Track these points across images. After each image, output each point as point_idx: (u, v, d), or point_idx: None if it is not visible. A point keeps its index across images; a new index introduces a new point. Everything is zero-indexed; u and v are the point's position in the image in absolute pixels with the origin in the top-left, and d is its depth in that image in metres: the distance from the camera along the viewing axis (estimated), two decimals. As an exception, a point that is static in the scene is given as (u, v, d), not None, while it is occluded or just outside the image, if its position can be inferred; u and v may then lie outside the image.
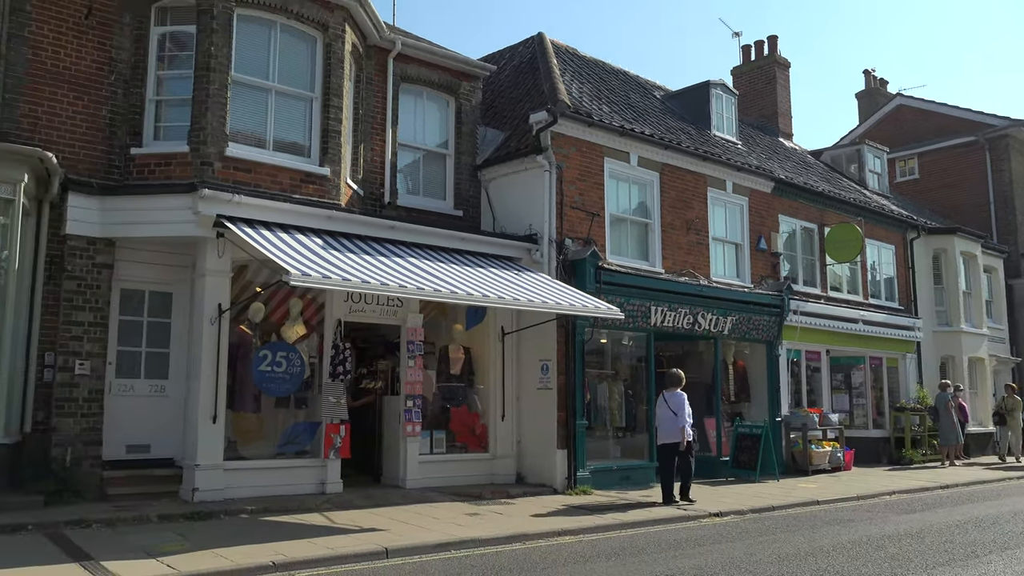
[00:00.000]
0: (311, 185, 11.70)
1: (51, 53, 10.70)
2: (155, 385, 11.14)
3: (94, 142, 10.91)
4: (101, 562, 7.18)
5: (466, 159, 14.69)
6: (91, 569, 6.98)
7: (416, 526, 9.46)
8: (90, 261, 10.49)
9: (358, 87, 13.18)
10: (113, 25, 11.17)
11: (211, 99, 10.89)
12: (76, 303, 10.38)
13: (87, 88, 10.91)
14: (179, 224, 10.52)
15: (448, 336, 13.65)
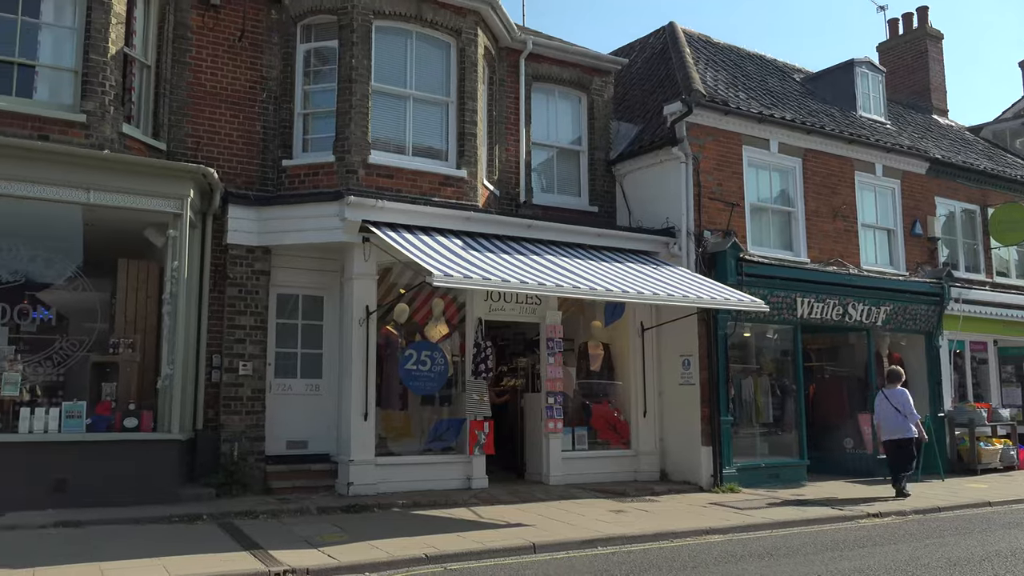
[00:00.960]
0: (449, 188, 11.99)
1: (209, 75, 11.46)
2: (310, 384, 11.73)
3: (250, 156, 11.61)
4: (270, 551, 7.63)
5: (599, 154, 14.63)
6: (261, 558, 7.43)
7: (561, 522, 9.50)
8: (249, 268, 11.18)
9: (491, 89, 13.39)
10: (263, 45, 11.84)
11: (354, 110, 11.35)
12: (238, 308, 11.09)
13: (242, 106, 11.62)
14: (328, 231, 11.01)
15: (587, 333, 13.64)
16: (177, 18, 11.29)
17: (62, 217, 10.20)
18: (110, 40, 10.10)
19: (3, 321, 9.83)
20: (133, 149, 10.43)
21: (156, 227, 10.49)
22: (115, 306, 10.55)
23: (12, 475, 8.92)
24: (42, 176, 9.32)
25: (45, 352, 9.94)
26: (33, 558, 7.08)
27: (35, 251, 9.99)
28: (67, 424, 9.43)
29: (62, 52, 10.10)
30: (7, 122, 9.49)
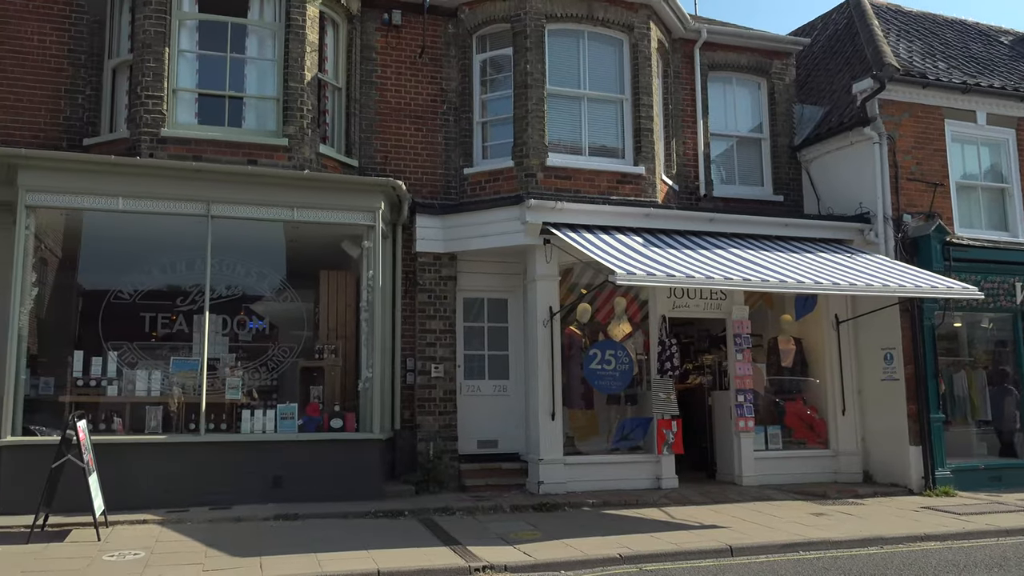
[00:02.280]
0: (627, 185, 11.90)
1: (394, 92, 12.05)
2: (498, 385, 12.03)
3: (433, 167, 12.09)
4: (468, 547, 7.89)
5: (783, 141, 14.00)
6: (460, 553, 7.70)
7: (758, 524, 9.17)
8: (437, 275, 11.64)
9: (666, 82, 13.17)
10: (442, 59, 12.30)
11: (530, 114, 11.53)
12: (428, 313, 11.57)
13: (425, 119, 12.12)
14: (509, 235, 11.25)
15: (776, 327, 13.08)
16: (363, 41, 11.96)
17: (270, 234, 11.08)
18: (306, 68, 10.86)
19: (224, 332, 10.79)
20: (329, 167, 11.16)
21: (352, 239, 11.15)
22: (318, 315, 11.31)
23: (236, 472, 9.77)
24: (253, 198, 10.17)
25: (261, 359, 10.83)
26: (259, 548, 7.72)
27: (249, 266, 10.90)
28: (282, 425, 10.23)
29: (265, 82, 10.97)
30: (221, 150, 10.43)
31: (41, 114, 10.59)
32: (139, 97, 10.28)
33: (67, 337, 10.39)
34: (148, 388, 10.10)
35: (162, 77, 10.29)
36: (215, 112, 10.73)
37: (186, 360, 10.32)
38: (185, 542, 7.97)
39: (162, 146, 10.21)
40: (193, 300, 10.45)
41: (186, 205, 10.01)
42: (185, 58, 10.67)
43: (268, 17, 11.04)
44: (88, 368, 9.95)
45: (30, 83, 10.57)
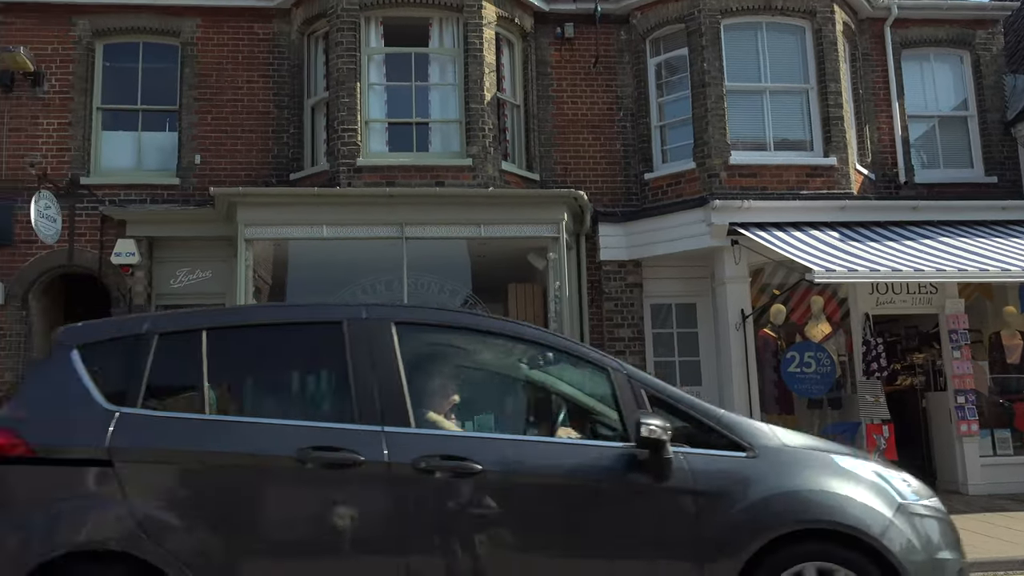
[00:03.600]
0: (818, 178, 11.32)
1: (570, 104, 12.17)
2: (690, 391, 11.63)
3: (612, 175, 12.07)
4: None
5: (993, 117, 12.80)
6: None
7: (991, 537, 8.36)
8: (623, 282, 11.59)
9: (854, 66, 12.43)
10: (616, 67, 12.28)
11: (710, 113, 11.26)
12: (615, 321, 11.54)
13: (602, 128, 12.14)
14: (694, 238, 11.02)
15: (998, 321, 11.93)
16: (538, 57, 12.19)
17: (458, 251, 11.49)
18: (485, 89, 11.21)
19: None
20: (512, 183, 11.43)
21: (537, 251, 11.34)
22: (508, 327, 11.57)
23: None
24: (442, 218, 10.60)
25: (456, 372, 11.23)
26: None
27: (441, 283, 11.36)
28: (479, 435, 10.52)
29: (448, 106, 11.43)
30: (411, 175, 10.96)
31: (253, 155, 11.61)
32: (336, 131, 11.02)
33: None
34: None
35: (355, 110, 10.97)
36: (404, 139, 11.31)
37: (389, 375, 10.87)
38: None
39: (358, 175, 10.88)
40: (392, 319, 11.01)
41: (382, 229, 10.59)
42: (374, 90, 11.33)
43: (447, 44, 11.50)
44: (303, 385, 10.73)
45: (246, 128, 11.62)
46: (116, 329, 4.27)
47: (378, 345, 4.03)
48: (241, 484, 3.76)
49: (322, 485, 3.74)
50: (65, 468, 3.76)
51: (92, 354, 4.04)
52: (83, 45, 11.54)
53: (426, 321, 4.40)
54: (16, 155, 11.25)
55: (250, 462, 3.76)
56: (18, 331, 11.08)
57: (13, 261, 11.10)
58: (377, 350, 4.02)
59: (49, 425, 3.82)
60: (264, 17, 11.86)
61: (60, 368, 4.01)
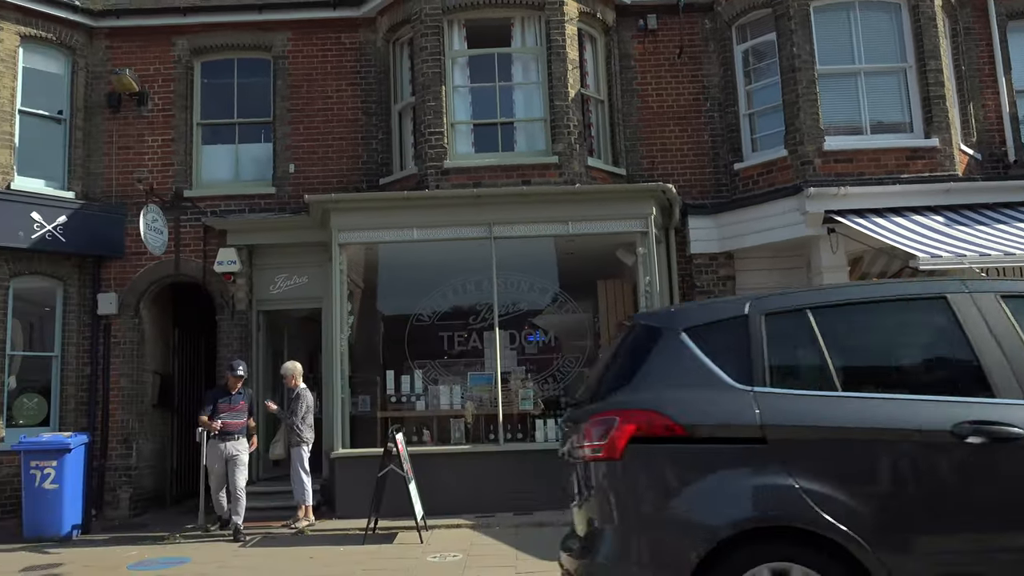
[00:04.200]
0: (919, 161, 10.85)
1: (655, 97, 12.02)
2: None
3: (701, 166, 11.87)
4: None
5: (1112, 87, 12.00)
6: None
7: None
8: (714, 275, 11.39)
9: (955, 42, 11.85)
10: (701, 56, 12.07)
11: (801, 99, 10.93)
12: (708, 315, 11.32)
13: (688, 119, 11.96)
14: (789, 227, 10.73)
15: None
16: (620, 50, 12.09)
17: (546, 249, 11.51)
18: (569, 85, 11.19)
19: (512, 346, 11.37)
20: (598, 179, 11.37)
21: (625, 247, 11.26)
22: (598, 324, 11.53)
23: (535, 479, 10.18)
24: (529, 216, 10.63)
25: (548, 370, 11.26)
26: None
27: (531, 282, 11.42)
28: (573, 433, 10.51)
29: (532, 105, 11.46)
30: (497, 175, 11.04)
31: (344, 161, 11.91)
32: (423, 135, 11.20)
33: (373, 359, 11.52)
34: (451, 402, 10.89)
35: (441, 113, 11.12)
36: (489, 139, 11.41)
37: (481, 374, 11.01)
38: (496, 545, 8.46)
39: (446, 177, 11.03)
40: (483, 318, 11.14)
41: (470, 229, 10.70)
42: (459, 93, 11.46)
43: (530, 43, 11.53)
44: (399, 386, 10.97)
45: (336, 135, 11.94)
46: (713, 312, 4.41)
47: (994, 317, 4.02)
48: (899, 458, 3.81)
49: (982, 458, 3.75)
50: (717, 446, 3.89)
51: (699, 337, 4.18)
52: (183, 64, 12.08)
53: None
54: (125, 172, 11.86)
55: (909, 437, 3.81)
56: (132, 338, 11.68)
57: (125, 272, 11.71)
58: (995, 323, 4.00)
59: (689, 405, 3.96)
60: (351, 27, 12.15)
61: (677, 351, 4.15)
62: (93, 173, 11.84)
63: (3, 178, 10.99)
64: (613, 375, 4.36)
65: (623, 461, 3.93)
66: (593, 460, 4.05)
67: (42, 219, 11.03)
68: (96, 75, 12.01)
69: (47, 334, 11.53)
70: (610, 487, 4.00)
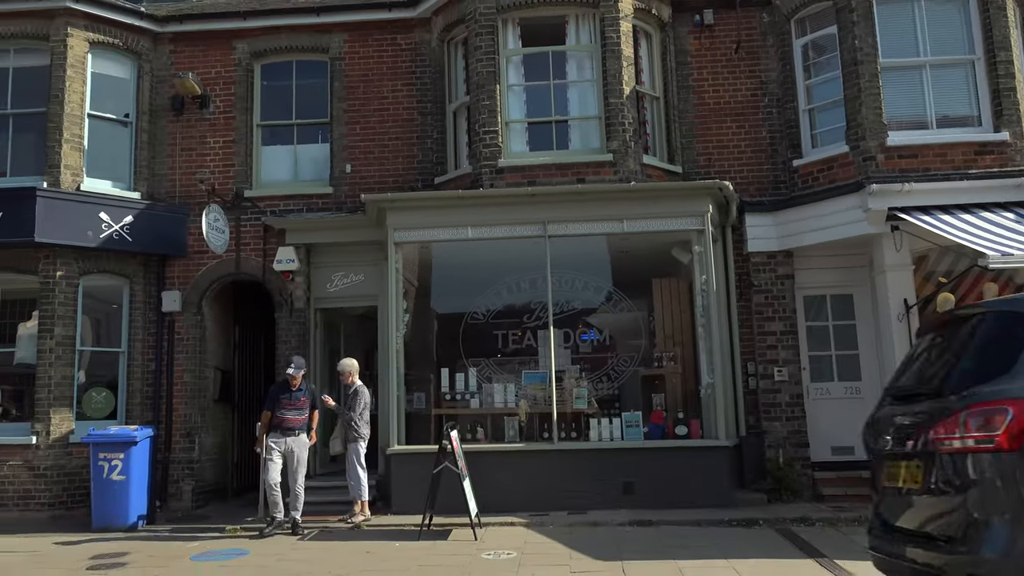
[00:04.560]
0: (988, 155, 10.49)
1: (711, 93, 11.86)
2: (849, 387, 11.21)
3: (758, 163, 11.68)
4: (835, 560, 7.41)
5: None
6: (827, 566, 7.26)
7: None
8: (772, 274, 11.19)
9: (1027, 32, 11.43)
10: (759, 51, 11.87)
11: (863, 93, 10.66)
12: (766, 315, 11.15)
13: (746, 115, 11.77)
14: (850, 225, 10.49)
15: None
16: (676, 46, 11.96)
17: (601, 247, 11.47)
18: (623, 82, 11.11)
19: (566, 344, 11.34)
20: (654, 177, 11.28)
21: (681, 245, 11.14)
22: (653, 323, 11.43)
23: (588, 478, 10.17)
24: (584, 215, 10.60)
25: (603, 369, 11.20)
26: (618, 552, 7.93)
27: (585, 280, 11.37)
28: (628, 433, 10.47)
29: (586, 103, 11.41)
30: (552, 173, 11.02)
31: (399, 161, 12.03)
32: (477, 134, 11.24)
33: (427, 357, 11.60)
34: (504, 400, 10.92)
35: (495, 112, 11.15)
36: (543, 138, 11.39)
37: (535, 373, 11.01)
38: (550, 544, 8.45)
39: (500, 176, 11.05)
40: (538, 316, 11.13)
41: (525, 228, 10.72)
42: (513, 91, 11.47)
43: (584, 40, 11.48)
44: (453, 384, 11.04)
45: (391, 135, 12.07)
46: None
47: None
48: None
49: None
50: None
51: None
52: (243, 67, 12.34)
53: None
54: (187, 173, 12.17)
55: None
56: (194, 335, 11.98)
57: (188, 271, 12.02)
58: None
59: None
60: (406, 28, 12.26)
61: None
62: (157, 174, 12.18)
63: (73, 179, 11.37)
64: (975, 365, 4.31)
65: (1019, 452, 3.86)
66: (973, 451, 4.01)
67: (110, 219, 11.38)
68: (160, 79, 12.34)
69: (114, 330, 11.90)
70: (1000, 478, 3.92)
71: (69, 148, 11.38)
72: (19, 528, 10.13)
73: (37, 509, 10.79)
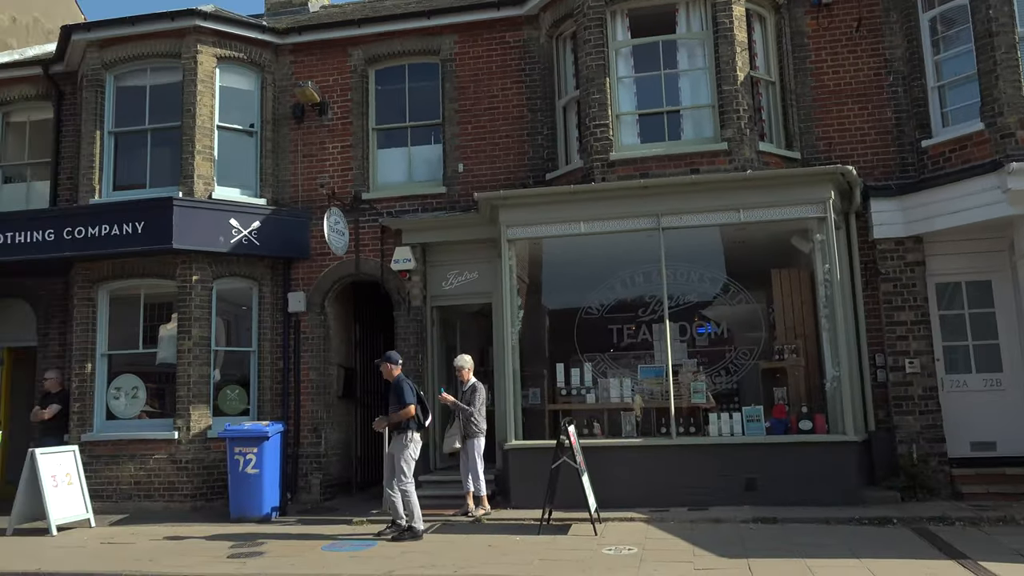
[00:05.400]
0: None
1: (831, 75, 11.39)
2: (989, 379, 10.56)
3: (883, 145, 11.14)
4: (979, 562, 7.01)
5: None
6: (970, 568, 6.87)
7: None
8: (901, 261, 10.65)
9: None
10: (882, 28, 11.32)
11: (999, 66, 9.99)
12: (895, 304, 10.63)
13: (868, 96, 11.25)
14: (987, 207, 9.86)
15: None
16: (792, 28, 11.55)
17: (716, 238, 11.21)
18: (737, 68, 10.83)
19: (682, 338, 11.15)
20: (771, 164, 10.94)
21: (801, 234, 10.77)
22: (773, 314, 11.09)
23: (708, 473, 9.98)
24: (698, 206, 10.42)
25: (720, 363, 10.96)
26: (743, 550, 7.75)
27: (701, 272, 11.15)
28: (749, 428, 10.21)
29: (699, 91, 11.18)
30: (664, 164, 10.86)
31: (511, 158, 12.13)
32: (587, 127, 11.20)
33: (539, 353, 11.64)
34: (620, 395, 10.86)
35: (606, 106, 11.08)
36: (655, 129, 11.24)
37: (651, 367, 10.89)
38: (671, 540, 8.34)
39: (611, 169, 10.98)
40: (652, 310, 11.00)
41: (638, 221, 10.62)
42: (623, 83, 11.36)
43: (695, 27, 11.25)
44: (568, 379, 11.06)
45: (502, 133, 12.19)
46: None
47: None
48: None
49: None
50: None
51: None
52: (358, 73, 12.73)
53: None
54: (308, 178, 12.66)
55: None
56: (319, 334, 12.46)
57: (311, 272, 12.51)
58: None
59: None
60: (514, 25, 12.35)
61: None
62: (281, 180, 12.72)
63: (205, 188, 12.02)
64: None
65: None
66: None
67: (239, 225, 11.97)
68: (282, 89, 12.88)
69: (243, 331, 12.52)
70: None
71: (201, 159, 12.04)
72: (165, 517, 10.83)
73: (180, 500, 11.48)
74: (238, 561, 8.23)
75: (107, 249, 11.62)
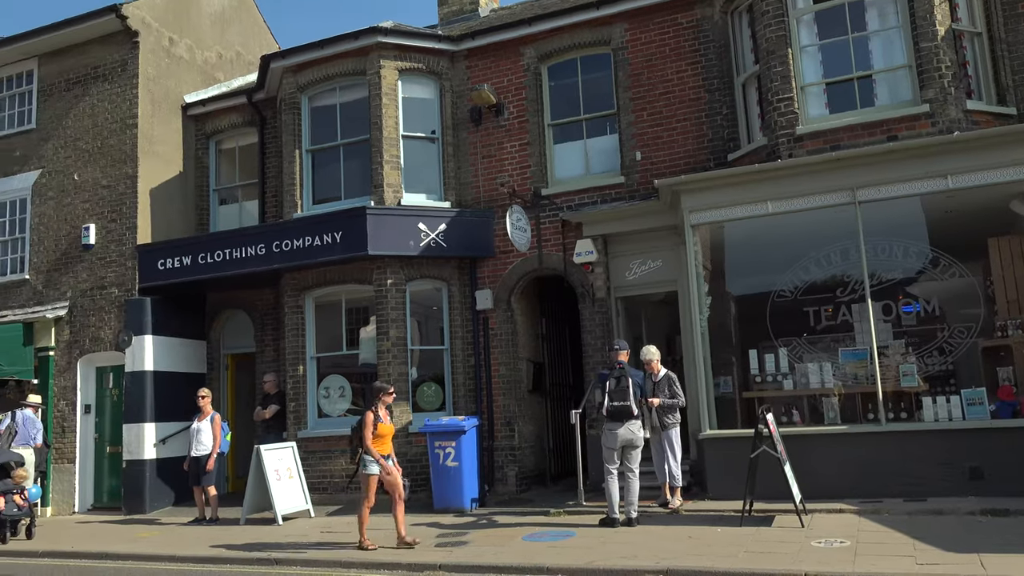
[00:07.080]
0: None
1: (1048, 18, 10.24)
2: None
3: (1118, 91, 9.87)
4: None
5: None
6: None
7: None
8: None
9: None
10: (1109, -42, 10.03)
11: None
12: None
13: (1096, 37, 10.01)
14: None
15: None
16: (999, -28, 10.49)
17: (919, 209, 10.36)
18: (936, 23, 9.98)
19: (887, 318, 10.40)
20: (981, 123, 9.99)
21: (1020, 197, 9.75)
22: (991, 288, 10.11)
23: (924, 462, 9.26)
24: (899, 175, 9.70)
25: (932, 343, 10.11)
26: (972, 544, 7.12)
27: (905, 246, 10.35)
28: (970, 411, 9.39)
29: (892, 52, 10.40)
30: (857, 134, 10.19)
31: (689, 142, 11.84)
32: (770, 103, 10.72)
33: (726, 339, 11.21)
34: (821, 380, 10.31)
35: (789, 78, 10.55)
36: (844, 97, 10.56)
37: (854, 350, 10.26)
38: (887, 532, 7.82)
39: (798, 144, 10.44)
40: (852, 289, 10.34)
41: (830, 196, 10.06)
42: (807, 53, 10.77)
43: (885, -16, 10.48)
44: (762, 365, 10.63)
45: (679, 117, 11.93)
46: None
47: None
48: None
49: None
50: None
51: None
52: (531, 71, 12.89)
53: None
54: (489, 178, 12.98)
55: None
56: (506, 330, 12.74)
57: (496, 270, 12.82)
58: None
59: None
60: (686, 6, 12.04)
61: None
62: (463, 183, 13.13)
63: (394, 195, 12.63)
64: None
65: None
66: None
67: (426, 228, 12.48)
68: (459, 94, 13.29)
69: (434, 329, 13.03)
70: None
71: (389, 168, 12.66)
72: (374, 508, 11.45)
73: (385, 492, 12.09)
74: (445, 550, 8.58)
75: (311, 259, 12.49)
